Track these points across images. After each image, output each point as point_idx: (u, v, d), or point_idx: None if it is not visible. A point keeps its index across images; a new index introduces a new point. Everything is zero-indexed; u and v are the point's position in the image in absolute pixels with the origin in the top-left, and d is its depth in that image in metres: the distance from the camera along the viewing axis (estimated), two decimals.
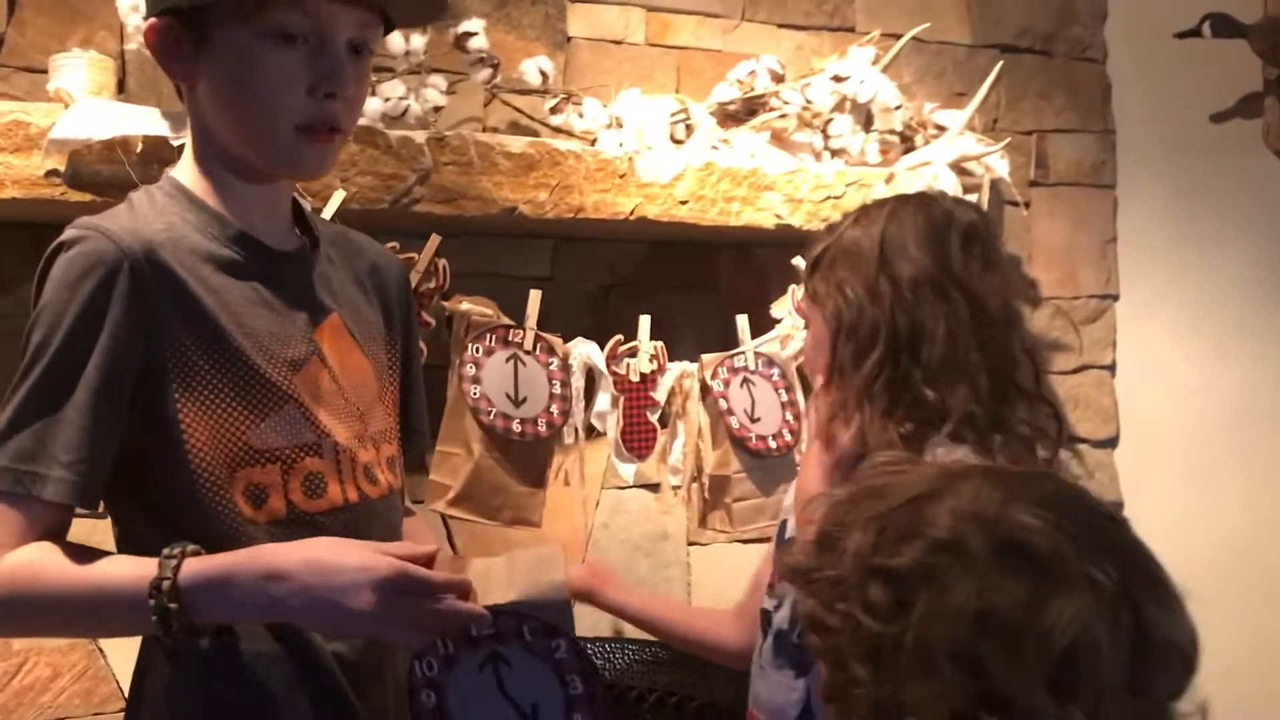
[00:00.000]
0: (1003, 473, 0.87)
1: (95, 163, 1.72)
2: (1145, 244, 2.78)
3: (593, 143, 2.10)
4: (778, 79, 2.28)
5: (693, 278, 2.38)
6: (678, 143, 2.17)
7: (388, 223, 1.95)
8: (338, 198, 1.82)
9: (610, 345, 2.07)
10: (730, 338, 2.16)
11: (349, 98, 1.17)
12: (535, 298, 2.00)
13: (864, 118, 2.34)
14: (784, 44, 2.48)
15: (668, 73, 2.40)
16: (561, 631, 1.10)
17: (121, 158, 1.71)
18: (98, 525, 1.16)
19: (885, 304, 1.35)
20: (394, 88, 1.96)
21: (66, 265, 1.10)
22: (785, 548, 1.43)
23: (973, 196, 2.19)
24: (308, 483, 1.17)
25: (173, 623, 1.04)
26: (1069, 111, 2.77)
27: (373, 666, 1.22)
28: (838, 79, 2.29)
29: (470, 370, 1.93)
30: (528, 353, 1.98)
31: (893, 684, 0.76)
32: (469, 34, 2.04)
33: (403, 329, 1.37)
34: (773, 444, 2.10)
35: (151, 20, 1.16)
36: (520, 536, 1.98)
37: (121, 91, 1.90)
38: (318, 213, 1.69)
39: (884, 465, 0.94)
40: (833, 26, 2.54)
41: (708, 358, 2.12)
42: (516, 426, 1.95)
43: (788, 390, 2.15)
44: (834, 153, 2.28)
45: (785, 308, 2.20)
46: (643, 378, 2.09)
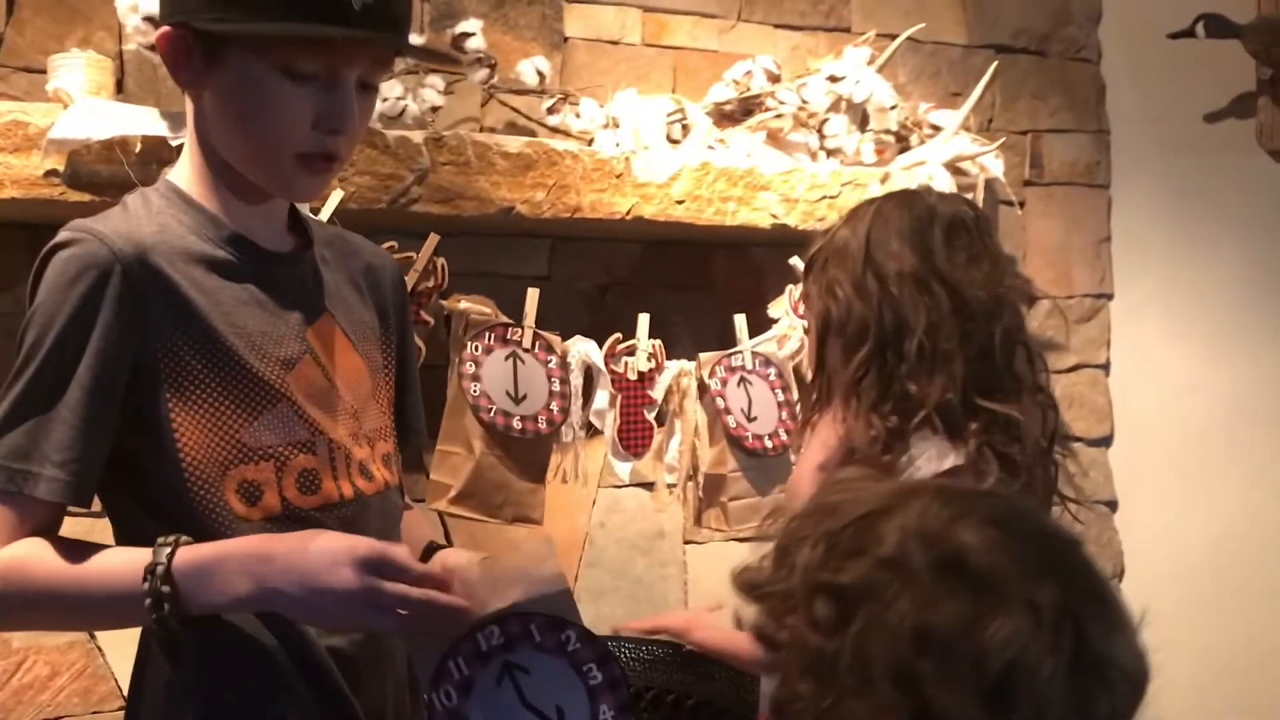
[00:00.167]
0: (956, 492, 0.85)
1: (94, 163, 1.73)
2: (1139, 243, 2.79)
3: (589, 143, 2.11)
4: (774, 79, 2.28)
5: (689, 277, 2.39)
6: (674, 143, 2.18)
7: (386, 222, 1.95)
8: (336, 198, 1.83)
9: (609, 344, 2.08)
10: (727, 337, 2.16)
11: (352, 132, 1.18)
12: (533, 296, 2.00)
13: (859, 118, 2.35)
14: (780, 44, 2.49)
15: (664, 73, 2.40)
16: (569, 622, 1.10)
17: (120, 158, 1.71)
18: (96, 524, 1.17)
19: (873, 300, 1.37)
20: (391, 88, 1.96)
21: (60, 267, 1.12)
22: None
23: (968, 196, 2.19)
24: (302, 479, 1.18)
25: (165, 606, 1.05)
26: (1064, 111, 2.78)
27: (370, 662, 1.22)
28: (833, 79, 2.29)
29: (470, 368, 1.94)
30: (527, 351, 1.99)
31: (832, 700, 0.76)
32: (466, 34, 2.04)
33: (398, 329, 1.37)
34: (769, 443, 2.11)
35: (165, 28, 1.16)
36: (518, 534, 1.98)
37: (120, 91, 1.90)
38: (316, 213, 1.70)
39: (843, 481, 0.94)
40: (828, 27, 2.55)
41: (705, 357, 2.13)
42: (517, 424, 1.95)
43: (784, 390, 2.16)
44: (830, 153, 2.29)
45: (782, 308, 2.21)
46: (641, 376, 2.09)
